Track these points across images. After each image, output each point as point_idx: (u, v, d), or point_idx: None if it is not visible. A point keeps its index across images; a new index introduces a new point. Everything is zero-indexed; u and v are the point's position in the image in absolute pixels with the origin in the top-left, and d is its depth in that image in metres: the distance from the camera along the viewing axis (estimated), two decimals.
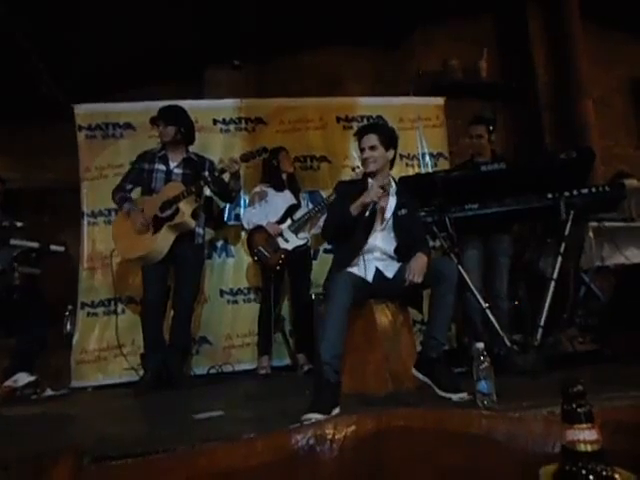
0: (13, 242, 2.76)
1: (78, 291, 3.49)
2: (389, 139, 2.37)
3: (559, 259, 2.61)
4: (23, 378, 2.89)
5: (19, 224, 2.81)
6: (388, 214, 2.32)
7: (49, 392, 2.98)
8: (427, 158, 4.01)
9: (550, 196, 2.63)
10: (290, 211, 3.41)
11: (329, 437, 1.29)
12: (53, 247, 2.89)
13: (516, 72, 5.03)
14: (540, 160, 3.16)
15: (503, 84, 4.98)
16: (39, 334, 3.04)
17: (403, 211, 2.33)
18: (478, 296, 2.62)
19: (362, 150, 2.34)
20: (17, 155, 4.68)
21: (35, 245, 2.85)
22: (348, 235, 2.25)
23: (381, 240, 2.28)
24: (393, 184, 2.42)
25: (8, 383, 2.86)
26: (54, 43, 4.24)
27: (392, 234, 2.31)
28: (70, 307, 3.59)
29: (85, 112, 3.70)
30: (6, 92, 4.49)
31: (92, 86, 4.32)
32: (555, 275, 2.59)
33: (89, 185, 3.60)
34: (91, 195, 3.57)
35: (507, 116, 5.01)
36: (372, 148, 2.31)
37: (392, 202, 2.34)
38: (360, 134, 2.40)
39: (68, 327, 3.64)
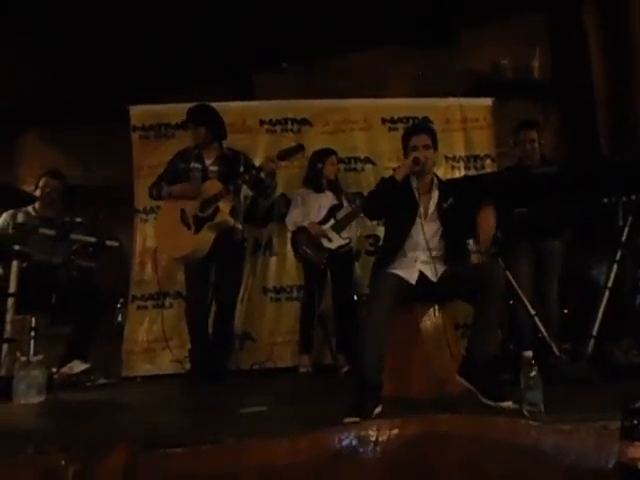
0: (73, 237, 2.92)
1: (129, 284, 3.66)
2: (436, 141, 2.40)
3: (614, 267, 2.50)
4: (78, 365, 3.04)
5: (78, 219, 2.98)
6: (431, 207, 2.31)
7: (101, 380, 3.13)
8: (473, 160, 3.94)
9: (606, 200, 2.53)
10: (333, 211, 3.43)
11: (372, 439, 1.30)
12: (109, 242, 3.03)
13: (570, 71, 4.83)
14: (595, 162, 3.03)
15: (556, 84, 4.80)
16: (93, 324, 3.20)
17: (449, 201, 2.31)
18: (526, 302, 2.55)
19: (414, 148, 2.32)
20: (76, 153, 4.94)
21: (92, 240, 2.99)
22: (387, 207, 2.29)
23: (427, 233, 2.24)
24: (436, 180, 2.41)
25: (64, 370, 3.02)
26: (112, 47, 4.45)
27: (437, 228, 2.28)
28: (122, 300, 3.76)
29: (140, 113, 3.85)
30: (67, 94, 4.75)
31: (146, 88, 4.51)
32: (610, 284, 2.49)
33: (142, 183, 3.74)
34: (144, 193, 3.69)
35: (558, 117, 4.83)
36: (426, 147, 2.32)
37: (435, 195, 2.33)
38: (414, 132, 2.40)
39: (119, 319, 3.81)
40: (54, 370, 2.93)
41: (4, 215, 3.23)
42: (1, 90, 4.66)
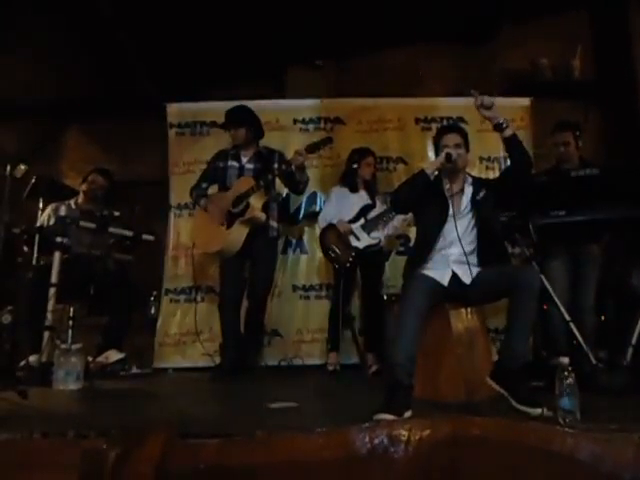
0: (111, 230, 3.02)
1: (163, 278, 3.75)
2: (467, 142, 2.39)
3: None
4: (113, 355, 3.14)
5: (116, 214, 3.07)
6: (464, 203, 2.29)
7: (135, 370, 3.24)
8: (509, 161, 3.86)
9: None
10: (364, 211, 3.42)
11: (404, 438, 1.30)
12: (145, 236, 3.11)
13: (613, 71, 4.67)
14: (637, 166, 2.93)
15: (598, 83, 4.65)
16: (127, 315, 3.30)
17: (482, 194, 2.29)
18: (562, 308, 2.49)
19: (445, 146, 2.31)
20: (115, 149, 5.09)
21: (129, 234, 3.08)
22: (417, 199, 2.29)
23: (459, 230, 2.21)
24: (469, 178, 2.38)
25: (100, 359, 3.12)
26: (150, 45, 4.56)
27: (470, 223, 2.26)
28: (155, 293, 3.86)
29: (176, 110, 3.95)
30: (107, 91, 4.90)
31: (182, 86, 4.60)
32: None
33: (177, 179, 3.85)
34: (178, 189, 3.81)
35: (599, 118, 4.68)
36: (457, 146, 2.31)
37: (468, 191, 2.31)
38: (445, 132, 2.39)
39: (152, 311, 3.91)
40: (90, 359, 3.03)
41: (48, 208, 3.36)
42: (44, 87, 4.84)
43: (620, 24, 4.66)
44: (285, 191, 3.45)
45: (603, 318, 3.21)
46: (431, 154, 3.82)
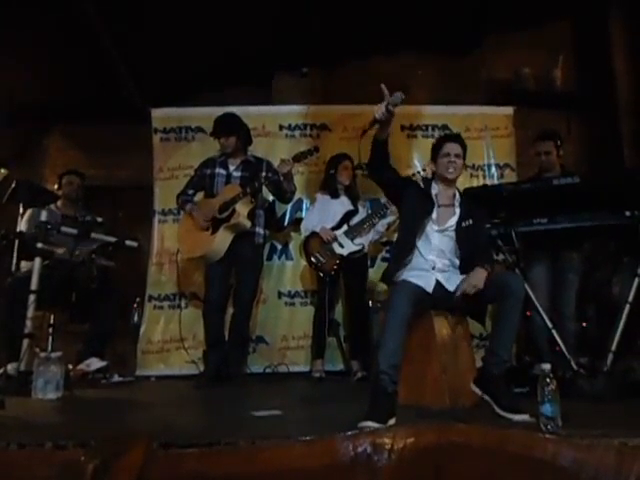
0: (94, 236, 2.97)
1: (146, 284, 3.71)
2: (465, 154, 2.40)
3: (636, 281, 2.46)
4: (95, 363, 3.08)
5: (99, 219, 3.02)
6: (450, 222, 2.29)
7: (117, 378, 3.18)
8: (493, 169, 3.91)
9: (628, 214, 2.49)
10: (347, 217, 3.43)
11: (387, 446, 1.30)
12: (128, 242, 3.06)
13: (594, 80, 4.78)
14: (618, 174, 2.99)
15: (579, 93, 4.75)
16: (110, 322, 3.24)
17: (468, 222, 2.29)
18: (544, 315, 2.52)
19: (447, 154, 2.33)
20: (98, 154, 5.03)
21: (112, 240, 3.04)
22: (381, 158, 2.41)
23: (439, 241, 2.25)
24: (458, 196, 2.39)
25: (81, 366, 3.05)
26: (135, 49, 4.52)
27: (454, 244, 2.28)
28: (138, 299, 3.81)
29: (161, 116, 3.93)
30: (91, 95, 4.84)
31: (167, 91, 4.57)
32: (631, 298, 2.44)
33: (161, 185, 3.82)
34: (162, 194, 3.78)
35: (581, 128, 4.78)
36: (457, 156, 2.33)
37: (457, 212, 2.32)
38: (447, 140, 2.41)
39: (135, 318, 3.86)
40: (70, 367, 2.97)
41: (28, 213, 3.30)
42: (26, 91, 4.77)
43: (601, 35, 4.78)
44: (271, 197, 3.44)
45: (584, 325, 3.26)
46: (416, 161, 3.88)
